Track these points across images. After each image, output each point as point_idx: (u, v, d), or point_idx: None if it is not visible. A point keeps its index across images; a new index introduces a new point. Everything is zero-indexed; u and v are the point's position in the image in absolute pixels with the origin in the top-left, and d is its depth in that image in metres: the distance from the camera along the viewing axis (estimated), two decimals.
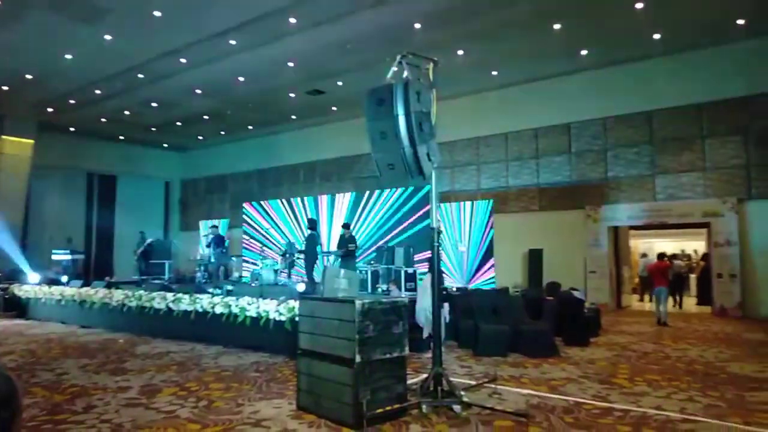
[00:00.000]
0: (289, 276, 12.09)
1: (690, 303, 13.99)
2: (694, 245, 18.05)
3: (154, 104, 15.85)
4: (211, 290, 8.73)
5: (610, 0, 9.87)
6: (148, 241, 15.64)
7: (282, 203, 16.42)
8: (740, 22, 10.56)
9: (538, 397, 4.88)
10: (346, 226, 11.77)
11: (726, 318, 10.92)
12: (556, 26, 10.80)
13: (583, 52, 12.17)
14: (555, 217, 13.55)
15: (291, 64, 12.72)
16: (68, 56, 12.10)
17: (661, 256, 11.08)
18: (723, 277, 11.41)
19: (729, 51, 11.48)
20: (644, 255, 16.54)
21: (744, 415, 4.31)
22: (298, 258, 12.24)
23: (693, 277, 15.70)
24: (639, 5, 9.88)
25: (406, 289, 10.10)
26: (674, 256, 14.99)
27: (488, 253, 13.06)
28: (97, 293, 10.21)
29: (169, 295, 8.77)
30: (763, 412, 4.38)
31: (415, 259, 12.04)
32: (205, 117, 17.24)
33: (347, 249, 11.07)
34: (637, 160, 12.60)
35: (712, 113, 11.75)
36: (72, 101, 15.37)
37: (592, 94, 13.11)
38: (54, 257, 16.20)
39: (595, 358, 6.78)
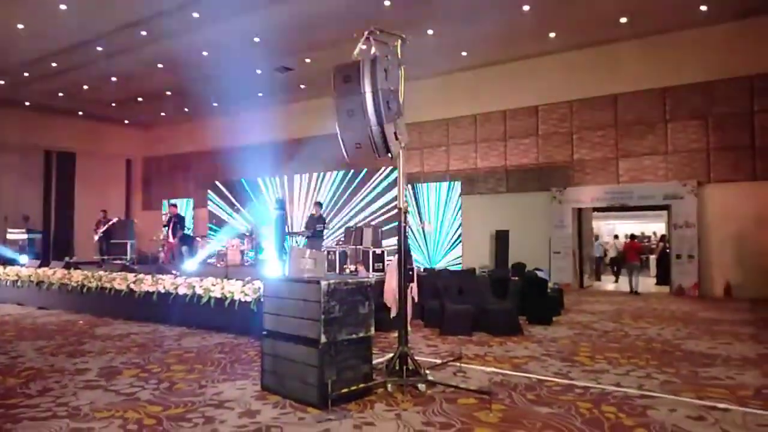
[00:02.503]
0: (256, 256, 11.95)
1: (649, 283, 14.44)
2: (655, 227, 18.62)
3: (114, 79, 15.27)
4: (174, 271, 8.55)
5: None
6: (112, 220, 15.21)
7: (249, 183, 16.13)
8: (703, 8, 10.75)
9: (502, 375, 4.96)
10: (318, 204, 11.67)
11: (683, 297, 11.32)
12: (526, 8, 10.79)
13: (552, 35, 12.22)
14: (522, 198, 13.73)
15: (257, 40, 12.39)
16: (20, 26, 11.50)
17: (632, 236, 11.69)
18: (681, 258, 11.80)
19: (691, 36, 11.71)
20: (616, 237, 17.07)
21: (697, 390, 4.47)
22: (271, 237, 12.06)
23: (653, 258, 16.20)
24: None
25: (374, 270, 10.11)
26: (633, 237, 15.56)
27: (456, 234, 13.15)
28: (55, 274, 9.89)
29: (131, 276, 8.56)
30: (714, 387, 4.55)
31: (383, 240, 12.04)
32: (168, 93, 16.72)
33: (315, 229, 11.00)
34: (602, 143, 12.82)
35: (674, 98, 12.01)
36: (26, 74, 14.67)
37: (560, 76, 13.22)
38: (9, 236, 15.59)
39: (558, 336, 6.93)
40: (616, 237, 17.11)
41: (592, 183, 12.92)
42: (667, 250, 13.22)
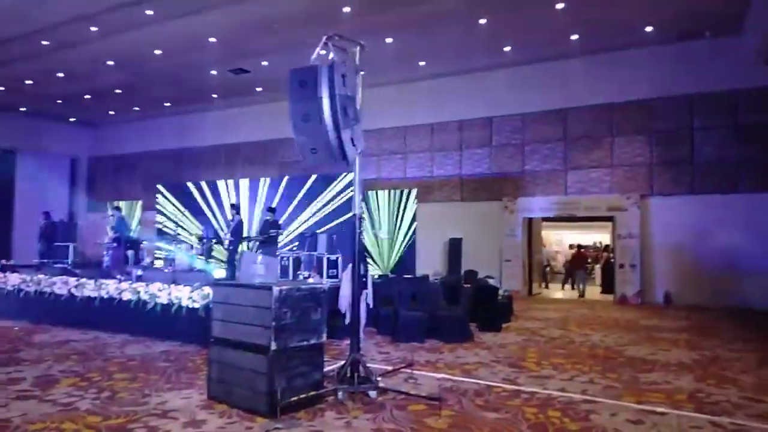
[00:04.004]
0: (207, 262, 11.65)
1: (594, 291, 14.95)
2: (600, 237, 19.34)
3: (60, 74, 14.64)
4: (118, 275, 8.23)
5: None
6: (49, 221, 14.51)
7: (200, 186, 15.75)
8: (648, 29, 11.29)
9: (452, 381, 5.01)
10: (271, 210, 11.50)
11: (626, 305, 11.77)
12: (482, 21, 11.04)
13: (507, 49, 12.54)
14: (475, 207, 14.00)
15: (213, 40, 12.16)
16: None
17: (579, 246, 13.92)
18: (624, 268, 12.27)
19: (637, 55, 12.27)
20: (572, 247, 17.72)
21: (637, 394, 4.65)
22: (230, 243, 11.77)
23: (597, 267, 16.81)
24: (559, 5, 10.30)
25: (329, 276, 10.03)
26: (580, 247, 16.34)
27: (411, 241, 13.25)
28: None
29: (72, 280, 8.18)
30: (653, 391, 4.74)
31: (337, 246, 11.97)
32: (117, 91, 16.17)
33: (269, 234, 10.83)
34: (552, 155, 13.24)
35: (620, 114, 12.54)
36: None
37: (513, 90, 13.58)
38: None
39: (507, 342, 7.07)
40: (571, 247, 17.77)
41: (541, 194, 13.31)
42: (612, 260, 13.74)
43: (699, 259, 11.53)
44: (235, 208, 11.76)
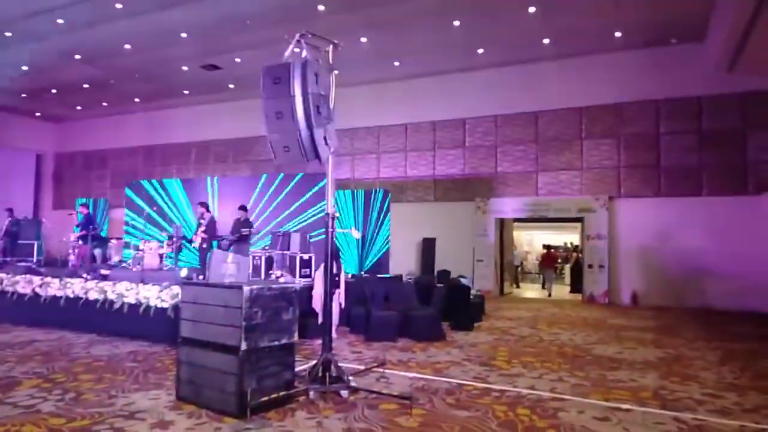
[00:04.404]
0: (176, 261, 11.45)
1: (563, 291, 15.23)
2: (570, 238, 19.69)
3: (24, 68, 14.21)
4: (84, 274, 8.03)
5: (505, 1, 10.33)
6: (13, 218, 14.04)
7: (170, 183, 15.46)
8: (617, 34, 11.55)
9: (423, 380, 5.04)
10: (242, 208, 11.36)
11: (594, 305, 12.02)
12: (456, 23, 11.13)
13: (480, 51, 12.67)
14: (448, 207, 14.10)
15: (184, 35, 11.96)
16: None
17: (548, 247, 14.81)
18: (593, 268, 12.53)
19: (606, 60, 12.53)
20: (545, 247, 18.02)
21: (604, 392, 4.75)
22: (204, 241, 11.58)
23: (567, 267, 17.14)
24: (532, 9, 10.45)
25: (301, 276, 9.98)
26: (549, 248, 16.69)
27: (384, 241, 13.25)
28: None
29: (36, 279, 7.95)
30: (619, 389, 4.85)
31: (311, 246, 11.90)
32: (85, 86, 15.77)
33: (241, 233, 10.70)
34: (523, 157, 13.42)
35: (589, 117, 12.80)
36: None
37: (487, 92, 13.73)
38: None
39: (478, 341, 7.14)
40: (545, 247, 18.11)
41: (513, 195, 13.49)
42: (581, 260, 14.01)
43: (664, 260, 11.85)
44: (205, 206, 11.58)
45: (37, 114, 19.20)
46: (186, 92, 16.30)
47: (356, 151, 15.11)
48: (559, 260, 17.88)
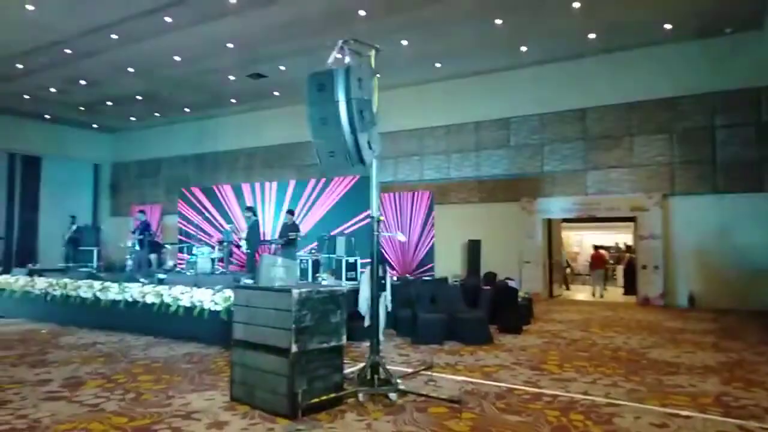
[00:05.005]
0: (227, 265, 11.78)
1: (617, 293, 14.76)
2: (622, 238, 19.07)
3: (82, 82, 14.94)
4: (141, 279, 8.38)
5: None
6: (75, 226, 14.81)
7: (220, 190, 15.92)
8: (668, 26, 11.13)
9: (472, 384, 4.99)
10: (290, 212, 11.58)
11: (649, 307, 11.59)
12: (498, 21, 11.00)
13: (523, 48, 12.47)
14: (493, 208, 13.92)
15: (231, 46, 12.31)
16: None
17: (596, 247, 14.81)
18: (647, 269, 12.09)
19: (657, 54, 12.09)
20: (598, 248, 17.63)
21: (661, 397, 4.58)
22: (246, 244, 11.89)
23: (620, 268, 16.60)
24: (576, 4, 10.21)
25: (347, 279, 10.07)
26: (597, 248, 16.25)
27: (429, 244, 13.21)
28: (17, 281, 9.58)
29: (97, 284, 8.36)
30: (677, 395, 4.67)
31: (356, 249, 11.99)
32: (138, 97, 16.43)
33: (288, 237, 10.91)
34: (571, 155, 13.10)
35: (641, 112, 12.37)
36: None
37: (531, 90, 13.49)
38: None
39: (527, 345, 7.01)
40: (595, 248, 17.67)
41: (561, 194, 13.18)
42: (634, 261, 13.56)
43: (723, 260, 11.30)
44: (251, 210, 11.87)
45: (94, 126, 20.14)
46: (233, 101, 16.76)
47: (399, 154, 15.13)
48: (611, 261, 17.31)
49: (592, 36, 11.67)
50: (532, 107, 13.52)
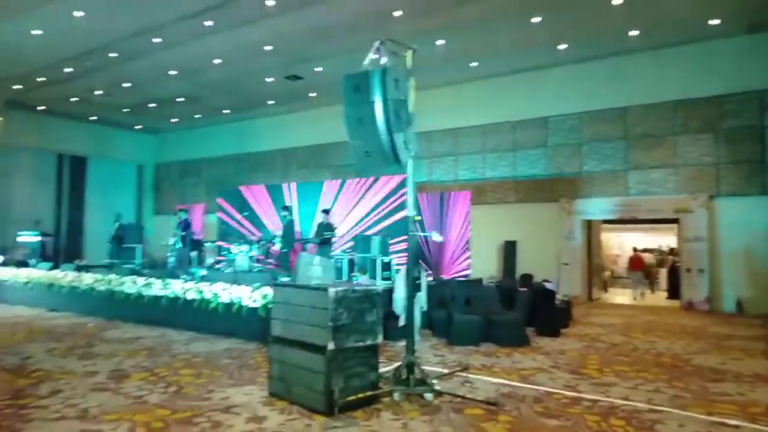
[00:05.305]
0: (265, 263, 11.98)
1: (659, 297, 14.33)
2: (665, 240, 18.50)
3: (126, 85, 15.43)
4: (183, 276, 8.60)
5: None
6: (120, 224, 15.34)
7: (258, 189, 16.20)
8: (714, 22, 10.75)
9: (509, 386, 4.93)
10: (325, 212, 11.69)
11: (693, 312, 11.21)
12: (536, 19, 10.83)
13: (562, 47, 12.24)
14: (530, 209, 13.71)
15: (268, 48, 12.50)
16: (36, 32, 11.67)
17: (635, 249, 14.69)
18: (691, 272, 11.70)
19: (702, 50, 11.69)
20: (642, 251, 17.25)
21: (707, 405, 4.43)
22: (278, 242, 12.08)
23: (663, 271, 16.13)
24: (617, 1, 9.97)
25: (382, 279, 10.09)
26: (636, 250, 15.86)
27: (464, 244, 13.12)
28: (66, 276, 9.98)
29: (140, 280, 8.63)
30: (724, 403, 4.50)
31: (391, 249, 12.01)
32: (180, 99, 16.87)
33: (324, 237, 11.01)
34: (611, 155, 12.79)
35: (684, 111, 11.97)
36: (40, 79, 14.86)
37: (570, 88, 13.24)
38: (20, 239, 15.73)
39: (566, 348, 6.89)
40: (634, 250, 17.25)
41: (601, 195, 12.88)
42: (677, 264, 13.14)
43: None
44: (287, 209, 12.03)
45: (138, 127, 20.78)
46: (270, 102, 17.02)
47: (433, 154, 15.07)
48: (653, 264, 16.80)
49: (634, 33, 11.36)
50: (571, 106, 13.26)
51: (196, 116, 19.08)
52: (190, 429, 3.67)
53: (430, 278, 11.05)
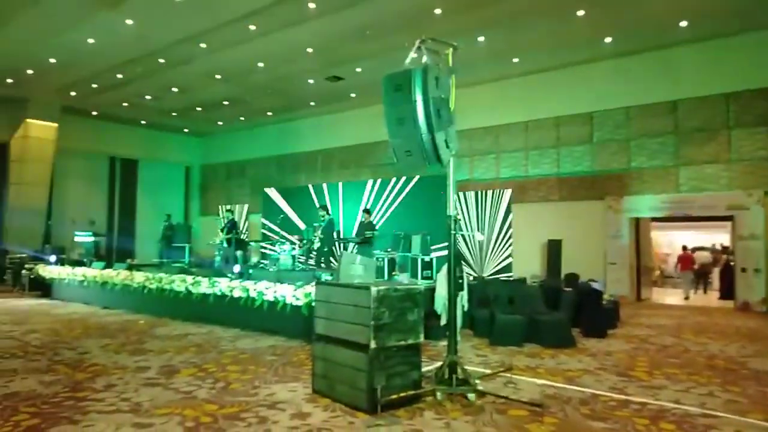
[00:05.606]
0: (307, 262, 12.16)
1: (712, 297, 13.77)
2: (719, 238, 17.75)
3: (174, 89, 15.96)
4: (229, 274, 8.83)
5: None
6: (170, 223, 15.90)
7: (301, 189, 16.47)
8: None
9: (554, 388, 4.85)
10: (366, 211, 11.77)
11: (749, 313, 10.72)
12: (580, 13, 10.58)
13: (607, 40, 11.91)
14: (575, 207, 13.39)
15: (310, 50, 12.67)
16: (91, 41, 12.21)
17: (684, 248, 14.21)
18: (747, 272, 11.18)
19: (757, 39, 11.14)
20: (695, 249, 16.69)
21: (766, 411, 4.23)
22: (320, 241, 12.24)
23: (716, 270, 15.49)
24: None
25: (423, 278, 10.08)
26: (685, 248, 15.38)
27: (507, 243, 12.96)
28: (118, 275, 10.39)
29: (189, 278, 8.89)
30: None
31: (432, 248, 11.98)
32: (225, 102, 17.31)
33: (365, 236, 11.09)
34: (661, 150, 12.35)
35: (739, 103, 11.45)
36: (94, 85, 15.54)
37: (616, 82, 12.85)
38: (76, 239, 16.50)
39: (613, 350, 6.71)
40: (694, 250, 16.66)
41: (650, 192, 12.45)
42: (731, 263, 12.58)
43: None
44: (325, 208, 12.17)
45: (185, 130, 21.45)
46: (312, 104, 17.25)
47: (474, 152, 14.92)
48: (707, 262, 16.15)
49: (683, 24, 10.94)
50: (617, 101, 12.87)
51: (240, 118, 19.54)
52: (238, 424, 3.77)
53: (472, 277, 10.97)
